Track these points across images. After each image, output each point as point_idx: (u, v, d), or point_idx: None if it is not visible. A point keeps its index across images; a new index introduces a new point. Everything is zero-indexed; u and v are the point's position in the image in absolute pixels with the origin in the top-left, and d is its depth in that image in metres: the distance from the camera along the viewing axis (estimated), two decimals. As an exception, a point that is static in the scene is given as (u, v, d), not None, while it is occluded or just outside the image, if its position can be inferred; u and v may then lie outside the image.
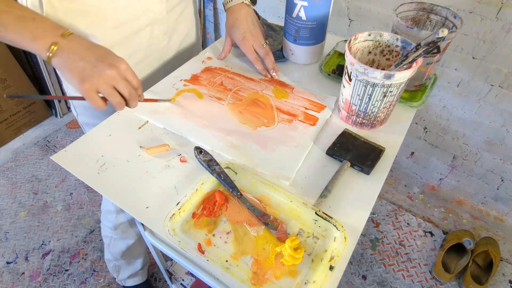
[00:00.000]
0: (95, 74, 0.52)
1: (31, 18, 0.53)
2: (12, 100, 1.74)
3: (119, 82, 0.55)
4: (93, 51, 0.54)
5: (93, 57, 0.53)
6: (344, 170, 0.58)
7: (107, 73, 0.53)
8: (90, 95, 0.53)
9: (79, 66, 0.52)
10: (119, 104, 0.56)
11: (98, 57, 0.54)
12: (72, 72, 0.53)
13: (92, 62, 0.53)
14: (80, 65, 0.53)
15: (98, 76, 0.53)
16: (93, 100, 0.54)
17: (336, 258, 0.48)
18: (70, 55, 0.53)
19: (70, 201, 1.56)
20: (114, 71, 0.53)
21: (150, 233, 0.67)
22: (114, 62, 0.54)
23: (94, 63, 0.53)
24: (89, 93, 0.53)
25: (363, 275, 1.33)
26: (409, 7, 0.74)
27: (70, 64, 0.53)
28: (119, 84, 0.55)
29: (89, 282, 1.31)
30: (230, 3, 0.78)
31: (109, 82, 0.54)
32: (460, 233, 1.37)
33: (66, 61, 0.53)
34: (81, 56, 0.53)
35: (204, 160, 0.58)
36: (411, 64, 0.59)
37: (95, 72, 0.53)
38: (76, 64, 0.53)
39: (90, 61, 0.53)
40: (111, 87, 0.54)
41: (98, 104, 0.54)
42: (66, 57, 0.53)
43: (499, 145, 1.26)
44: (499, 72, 1.10)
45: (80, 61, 0.53)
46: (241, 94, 0.74)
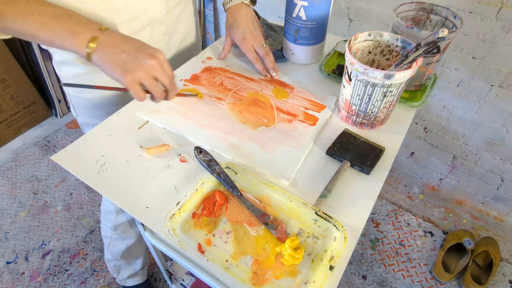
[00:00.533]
0: (137, 66, 0.53)
1: (67, 16, 0.53)
2: (12, 100, 1.74)
3: (160, 72, 0.55)
4: (131, 43, 0.54)
5: (133, 48, 0.53)
6: (344, 170, 0.58)
7: (149, 63, 0.53)
8: (134, 87, 0.53)
9: (121, 59, 0.52)
10: (160, 95, 0.57)
11: (138, 48, 0.54)
12: (114, 65, 0.53)
13: (132, 53, 0.53)
14: (122, 57, 0.52)
15: (140, 68, 0.53)
16: (137, 92, 0.54)
17: (336, 258, 0.48)
18: (110, 49, 0.53)
19: (70, 201, 1.56)
20: (155, 61, 0.54)
21: (150, 233, 0.67)
22: (153, 53, 0.54)
23: (135, 54, 0.53)
24: (132, 85, 0.53)
25: (363, 275, 1.33)
26: (409, 7, 0.74)
27: (111, 58, 0.53)
28: (161, 74, 0.55)
29: (89, 282, 1.31)
30: (230, 3, 0.78)
31: (150, 73, 0.54)
32: (460, 233, 1.37)
33: (107, 55, 0.52)
34: (121, 49, 0.53)
35: (204, 160, 0.58)
36: (411, 64, 0.59)
37: (136, 64, 0.53)
38: (117, 57, 0.52)
39: (130, 53, 0.53)
40: (152, 78, 0.54)
41: (141, 96, 0.55)
42: (107, 51, 0.53)
43: (499, 145, 1.26)
44: (499, 72, 1.10)
45: (121, 53, 0.53)
46: (241, 94, 0.74)
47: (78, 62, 0.69)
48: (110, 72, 0.54)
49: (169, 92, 0.59)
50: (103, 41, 0.53)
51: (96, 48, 0.52)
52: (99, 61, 0.53)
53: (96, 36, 0.52)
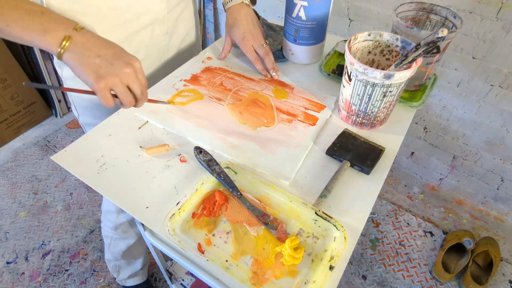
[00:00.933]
0: (112, 73, 0.51)
1: (39, 12, 0.51)
2: (12, 100, 1.74)
3: (134, 82, 0.54)
4: (108, 48, 0.52)
5: (109, 54, 0.52)
6: (344, 170, 0.59)
7: (124, 72, 0.52)
8: (105, 93, 0.52)
9: (95, 63, 0.51)
10: (130, 103, 0.56)
11: (115, 55, 0.52)
12: (88, 69, 0.51)
13: (108, 59, 0.51)
14: (97, 62, 0.51)
15: (115, 75, 0.51)
16: (106, 99, 0.53)
17: (336, 258, 0.48)
18: (84, 51, 0.51)
19: (70, 201, 1.56)
20: (131, 69, 0.53)
21: (150, 233, 0.67)
22: (130, 61, 0.53)
23: (111, 61, 0.52)
24: (104, 91, 0.52)
25: (363, 275, 1.33)
26: (409, 7, 0.74)
27: (85, 61, 0.51)
28: (134, 83, 0.54)
29: (89, 282, 1.31)
30: (230, 3, 0.78)
31: (124, 81, 0.52)
32: (460, 233, 1.37)
33: (81, 57, 0.51)
34: (96, 53, 0.51)
35: (204, 160, 0.58)
36: (411, 64, 0.59)
37: (111, 71, 0.51)
38: (92, 61, 0.51)
39: (106, 58, 0.51)
40: (125, 86, 0.53)
41: (110, 102, 0.53)
42: (80, 53, 0.51)
43: (499, 145, 1.26)
44: (499, 72, 1.10)
45: (96, 58, 0.51)
46: (241, 94, 0.74)
47: None
48: (82, 75, 0.51)
49: (138, 101, 0.57)
50: (77, 41, 0.51)
51: (69, 48, 0.50)
52: (70, 61, 0.51)
53: (70, 35, 0.50)
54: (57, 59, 0.71)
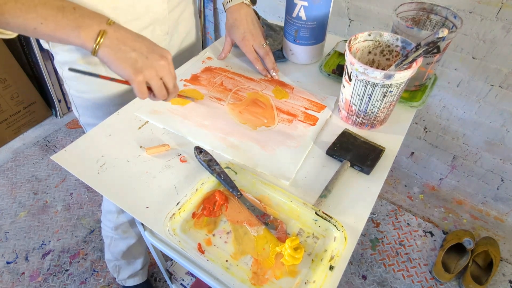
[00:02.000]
0: (148, 66, 0.53)
1: (72, 8, 0.50)
2: (12, 100, 1.74)
3: (168, 74, 0.55)
4: (140, 41, 0.53)
5: (143, 47, 0.53)
6: (344, 170, 0.59)
7: (160, 64, 0.54)
8: (142, 86, 0.54)
9: (132, 57, 0.52)
10: (163, 96, 0.57)
11: (148, 48, 0.53)
12: (125, 63, 0.52)
13: (143, 53, 0.53)
14: (133, 56, 0.52)
15: (151, 67, 0.53)
16: (143, 92, 0.54)
17: (336, 258, 0.48)
18: (120, 46, 0.51)
19: (70, 201, 1.56)
20: (165, 62, 0.54)
21: (150, 233, 0.67)
22: (163, 53, 0.55)
23: (146, 54, 0.53)
24: (141, 84, 0.53)
25: (363, 275, 1.33)
26: (409, 7, 0.74)
27: (121, 55, 0.51)
28: (168, 76, 0.56)
29: (89, 282, 1.31)
30: (230, 3, 0.78)
31: (159, 74, 0.54)
32: (460, 233, 1.37)
33: (117, 52, 0.51)
34: (131, 47, 0.52)
35: (204, 160, 0.58)
36: (411, 64, 0.59)
37: (148, 64, 0.53)
38: (128, 55, 0.52)
39: (141, 52, 0.53)
40: (160, 79, 0.55)
41: (146, 95, 0.55)
42: (116, 47, 0.51)
43: (499, 145, 1.26)
44: (499, 72, 1.10)
45: (132, 52, 0.52)
46: (241, 94, 0.74)
47: (81, 62, 0.69)
48: (119, 69, 0.52)
49: (170, 94, 0.59)
50: (112, 36, 0.51)
51: (104, 43, 0.51)
52: (106, 56, 0.52)
53: (104, 29, 0.51)
54: (58, 59, 0.71)
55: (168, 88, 0.57)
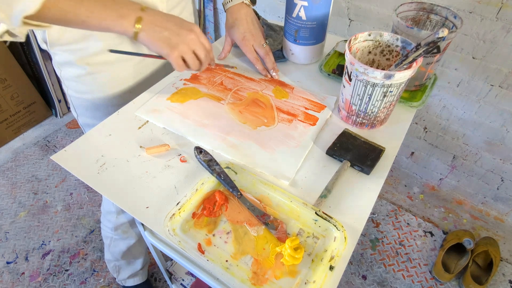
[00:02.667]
0: (180, 41, 0.59)
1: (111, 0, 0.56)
2: (12, 100, 1.74)
3: (198, 46, 0.61)
4: (170, 20, 0.59)
5: (173, 25, 0.59)
6: (344, 170, 0.58)
7: (190, 38, 0.59)
8: (179, 61, 0.61)
9: (165, 36, 0.58)
10: (196, 67, 0.64)
11: (177, 25, 0.59)
12: (160, 42, 0.58)
13: (174, 30, 0.59)
14: (166, 34, 0.58)
15: (183, 42, 0.59)
16: (180, 65, 0.61)
17: (336, 258, 0.48)
18: (154, 27, 0.58)
19: (70, 201, 1.56)
20: (194, 35, 0.60)
21: (150, 233, 0.67)
22: (192, 27, 0.60)
23: (176, 31, 0.59)
24: (178, 60, 0.60)
25: (363, 275, 1.33)
26: (409, 7, 0.74)
27: (156, 36, 0.58)
28: (199, 47, 0.62)
29: (89, 282, 1.31)
30: (230, 3, 0.78)
31: (191, 47, 0.61)
32: (460, 233, 1.37)
33: (152, 34, 0.58)
34: (164, 27, 0.58)
35: (204, 160, 0.58)
36: (411, 64, 0.59)
37: (180, 40, 0.59)
38: (161, 34, 0.58)
39: (172, 29, 0.59)
40: (192, 52, 0.61)
41: (183, 67, 0.62)
42: (151, 29, 0.58)
43: (499, 145, 1.26)
44: (499, 72, 1.10)
45: (164, 31, 0.58)
46: (241, 94, 0.74)
47: (79, 62, 0.69)
48: (157, 48, 0.59)
49: (203, 63, 0.64)
50: (147, 20, 0.57)
51: (142, 28, 0.57)
52: (145, 39, 0.58)
53: (140, 16, 0.57)
54: (56, 60, 0.71)
55: (200, 58, 0.63)
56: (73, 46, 0.66)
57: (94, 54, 0.68)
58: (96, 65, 0.70)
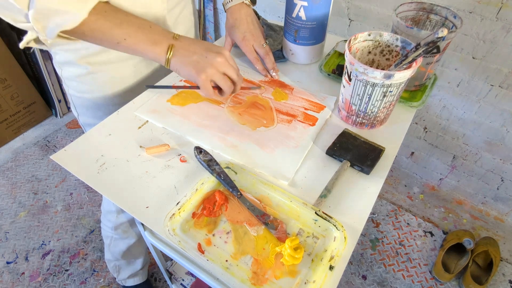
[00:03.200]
0: (208, 64, 0.59)
1: (148, 26, 0.59)
2: (12, 100, 1.74)
3: (228, 67, 0.62)
4: (199, 45, 0.61)
5: (202, 49, 0.60)
6: (344, 170, 0.59)
7: (217, 61, 0.60)
8: (206, 84, 0.60)
9: (194, 60, 0.59)
10: (230, 88, 0.63)
11: (206, 49, 0.60)
12: (189, 66, 0.59)
13: (202, 54, 0.60)
14: (194, 59, 0.59)
15: (211, 65, 0.59)
16: (208, 89, 0.61)
17: (336, 258, 0.48)
18: (184, 53, 0.59)
19: (70, 201, 1.56)
20: (222, 58, 0.60)
21: (150, 233, 0.67)
22: (220, 50, 0.61)
23: (205, 55, 0.60)
24: (205, 83, 0.60)
25: (363, 275, 1.33)
26: (409, 7, 0.74)
27: (185, 60, 0.59)
28: (228, 69, 0.62)
29: (89, 282, 1.31)
30: (230, 3, 0.78)
31: (220, 69, 0.61)
32: (460, 233, 1.38)
33: (182, 59, 0.59)
34: (192, 51, 0.60)
35: (204, 160, 0.58)
36: (411, 64, 0.59)
37: (207, 62, 0.59)
38: (190, 59, 0.59)
39: (200, 53, 0.60)
40: (222, 74, 0.61)
41: (211, 92, 0.62)
42: (181, 55, 0.59)
43: (499, 145, 1.26)
44: (499, 72, 1.10)
45: (193, 55, 0.59)
46: (240, 98, 0.74)
47: (80, 62, 0.69)
48: (186, 73, 0.60)
49: (236, 84, 0.64)
50: (178, 47, 0.59)
51: (174, 54, 0.59)
52: (176, 65, 0.60)
53: (172, 44, 0.59)
54: (57, 59, 0.71)
55: (233, 79, 0.63)
56: (74, 45, 0.66)
57: (95, 54, 0.68)
58: (97, 65, 0.70)
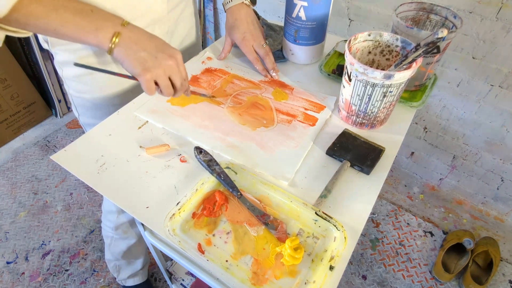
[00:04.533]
0: (156, 65, 0.56)
1: (89, 10, 0.53)
2: (12, 100, 1.74)
3: (176, 73, 0.59)
4: (151, 41, 0.57)
5: (153, 47, 0.56)
6: (344, 170, 0.59)
7: (167, 64, 0.57)
8: (149, 84, 0.57)
9: (141, 57, 0.55)
10: (169, 94, 0.61)
11: (158, 48, 0.57)
12: (135, 62, 0.55)
13: (153, 53, 0.56)
14: (142, 55, 0.55)
15: (159, 67, 0.56)
16: (150, 89, 0.58)
17: (336, 258, 0.48)
18: (132, 45, 0.55)
19: (70, 201, 1.56)
20: (173, 62, 0.57)
21: (150, 233, 0.67)
22: (172, 53, 0.58)
23: (155, 54, 0.56)
24: (149, 83, 0.57)
25: (363, 275, 1.33)
26: (409, 7, 0.74)
27: (132, 55, 0.55)
28: (175, 75, 0.59)
29: (89, 282, 1.31)
30: (230, 3, 0.78)
31: (167, 73, 0.57)
32: (460, 233, 1.37)
33: (128, 51, 0.55)
34: (142, 47, 0.55)
35: (204, 160, 0.58)
36: (411, 64, 0.59)
37: (156, 63, 0.56)
38: (138, 54, 0.55)
39: (151, 52, 0.56)
40: (167, 78, 0.58)
41: (153, 92, 0.58)
42: (128, 47, 0.55)
43: (499, 145, 1.26)
44: (499, 72, 1.10)
45: (142, 51, 0.55)
46: (240, 98, 0.74)
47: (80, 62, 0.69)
48: (130, 67, 0.56)
49: (177, 92, 0.62)
50: (125, 36, 0.54)
51: (119, 43, 0.54)
52: (119, 55, 0.55)
53: (119, 31, 0.54)
54: (57, 59, 0.71)
55: (176, 86, 0.60)
56: (73, 45, 0.66)
57: (95, 54, 0.68)
58: (97, 65, 0.70)
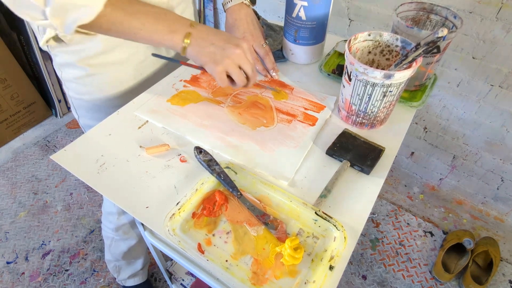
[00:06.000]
0: (225, 56, 0.59)
1: (164, 14, 0.58)
2: (12, 100, 1.74)
3: (245, 61, 0.61)
4: (217, 35, 0.60)
5: (220, 40, 0.59)
6: (344, 170, 0.58)
7: (235, 53, 0.59)
8: (222, 76, 0.60)
9: (210, 51, 0.59)
10: (243, 82, 0.63)
11: (224, 40, 0.59)
12: (206, 57, 0.59)
13: (220, 45, 0.59)
14: (211, 49, 0.59)
15: (228, 57, 0.59)
16: (223, 81, 0.61)
17: (336, 258, 0.48)
18: (201, 42, 0.58)
19: (70, 201, 1.56)
20: (240, 50, 0.59)
21: (150, 233, 0.67)
22: (238, 43, 0.60)
23: (222, 46, 0.59)
24: (221, 74, 0.60)
25: (363, 275, 1.33)
26: (409, 7, 0.74)
27: (202, 51, 0.59)
28: (244, 63, 0.61)
29: (89, 282, 1.31)
30: (229, 3, 0.78)
31: (236, 62, 0.60)
32: (460, 233, 1.37)
33: (198, 48, 0.59)
34: (210, 42, 0.59)
35: (204, 160, 0.58)
36: (411, 64, 0.59)
37: (224, 55, 0.59)
38: (207, 49, 0.59)
39: (218, 45, 0.59)
40: (237, 67, 0.61)
41: (226, 83, 0.62)
42: (198, 44, 0.58)
43: (499, 145, 1.26)
44: (499, 72, 1.10)
45: (210, 46, 0.59)
46: (240, 97, 0.74)
47: (80, 64, 0.69)
48: (202, 63, 0.60)
49: (250, 79, 0.64)
50: (195, 36, 0.58)
51: (190, 43, 0.58)
52: (192, 53, 0.59)
53: (189, 32, 0.58)
54: (56, 61, 0.71)
55: (247, 73, 0.62)
56: (73, 47, 0.66)
57: (94, 55, 0.68)
58: (97, 66, 0.70)
